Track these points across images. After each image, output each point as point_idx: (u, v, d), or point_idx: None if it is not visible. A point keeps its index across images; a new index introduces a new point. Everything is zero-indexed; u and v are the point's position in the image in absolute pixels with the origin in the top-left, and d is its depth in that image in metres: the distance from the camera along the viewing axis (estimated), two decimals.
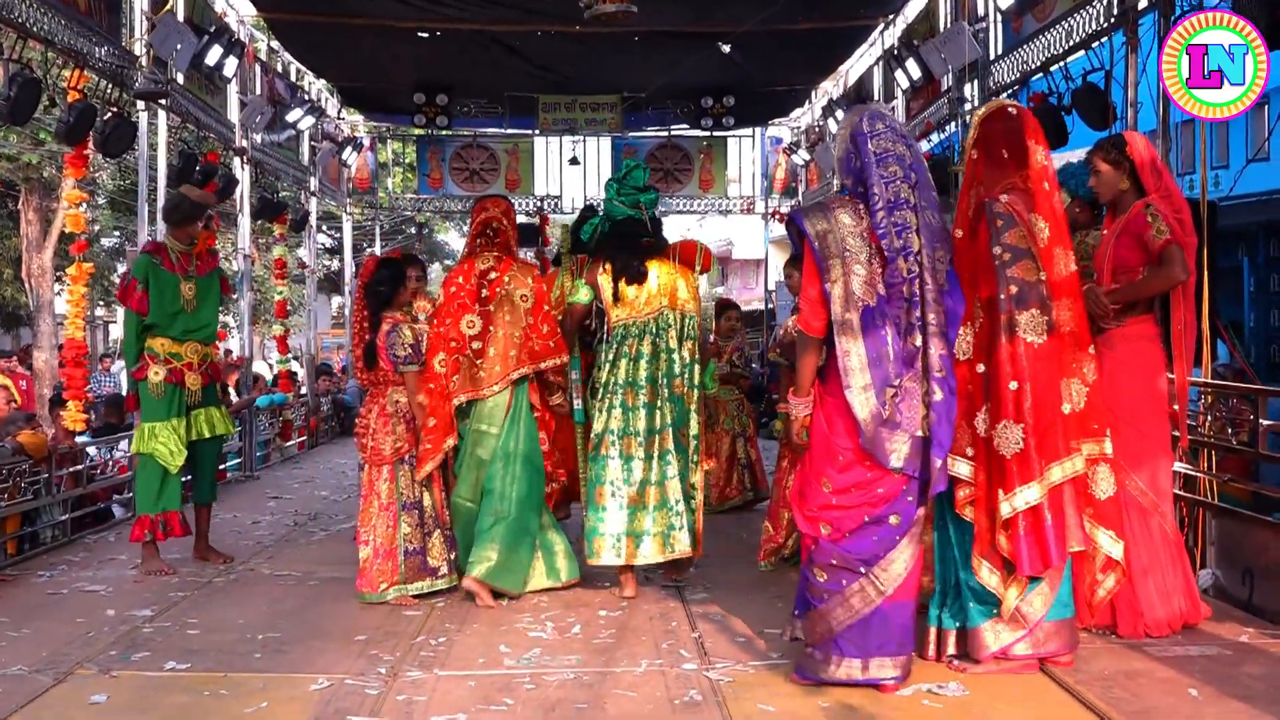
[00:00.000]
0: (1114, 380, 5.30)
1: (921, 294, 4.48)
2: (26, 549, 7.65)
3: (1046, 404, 4.61)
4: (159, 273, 6.97)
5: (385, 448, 6.12)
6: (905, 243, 4.50)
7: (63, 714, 4.44)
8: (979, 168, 4.88)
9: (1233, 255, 15.65)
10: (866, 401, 4.43)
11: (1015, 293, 4.61)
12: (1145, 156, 5.44)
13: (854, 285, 4.47)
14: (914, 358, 4.46)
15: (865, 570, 4.48)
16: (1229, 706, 4.35)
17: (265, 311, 27.24)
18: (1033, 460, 4.55)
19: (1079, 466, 4.71)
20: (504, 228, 6.45)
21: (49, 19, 7.86)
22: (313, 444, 14.97)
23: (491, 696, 4.56)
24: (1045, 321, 4.63)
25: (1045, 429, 4.60)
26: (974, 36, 9.86)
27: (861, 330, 4.46)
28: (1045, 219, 4.74)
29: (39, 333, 19.99)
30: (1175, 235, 5.20)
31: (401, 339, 6.04)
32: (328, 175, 16.24)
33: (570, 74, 14.79)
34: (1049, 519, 4.59)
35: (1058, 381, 4.68)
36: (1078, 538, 4.71)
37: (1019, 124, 4.83)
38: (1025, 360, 4.59)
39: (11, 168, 19.44)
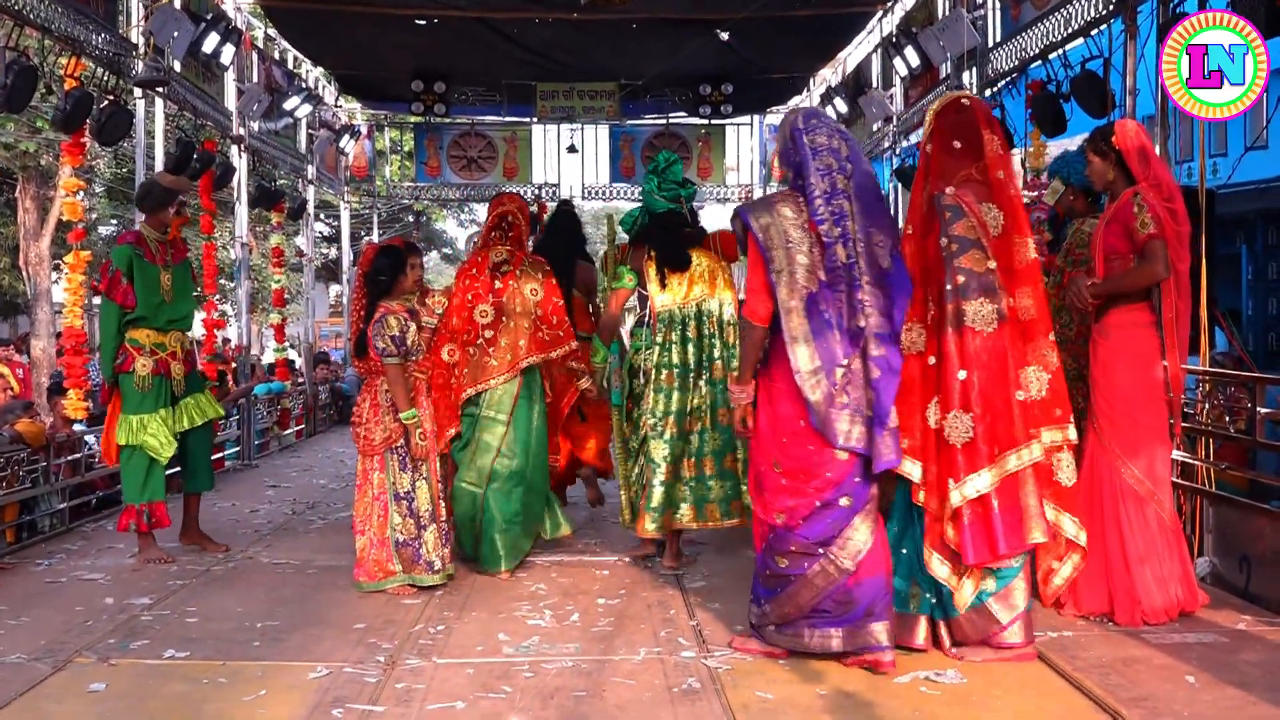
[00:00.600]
0: (1108, 368, 5.35)
1: (859, 278, 4.65)
2: (25, 537, 7.66)
3: (997, 392, 4.67)
4: (142, 264, 6.89)
5: (375, 437, 6.11)
6: (843, 230, 4.67)
7: (61, 702, 4.44)
8: (934, 161, 4.94)
9: (1231, 243, 15.66)
10: (818, 384, 4.59)
11: (962, 282, 4.68)
12: (1132, 144, 5.43)
13: (798, 273, 4.66)
14: (858, 337, 4.61)
15: (824, 551, 4.64)
16: (1225, 693, 4.36)
17: (263, 300, 27.24)
18: (982, 449, 4.61)
19: (1036, 454, 4.71)
20: (518, 222, 6.72)
21: (46, 6, 7.84)
22: (311, 432, 14.97)
23: (490, 684, 4.57)
24: (994, 310, 4.68)
25: (997, 417, 4.65)
26: (972, 24, 9.84)
27: (807, 315, 4.64)
28: (1000, 208, 4.80)
29: (36, 321, 19.99)
30: (1161, 229, 5.21)
31: (384, 329, 5.96)
32: (325, 163, 16.22)
33: (568, 62, 14.77)
34: (997, 508, 4.63)
35: (1010, 370, 4.71)
36: (1041, 528, 4.70)
37: (972, 115, 4.90)
38: (973, 350, 4.66)
39: (9, 156, 19.42)
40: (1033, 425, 4.76)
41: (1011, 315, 4.74)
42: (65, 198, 9.29)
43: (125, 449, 6.89)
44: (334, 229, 29.29)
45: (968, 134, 4.87)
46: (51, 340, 18.68)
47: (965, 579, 4.73)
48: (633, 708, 4.32)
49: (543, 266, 6.72)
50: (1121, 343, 5.40)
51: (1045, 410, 4.85)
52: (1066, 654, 4.82)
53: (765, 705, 4.32)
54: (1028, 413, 4.75)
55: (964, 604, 4.74)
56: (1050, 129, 8.90)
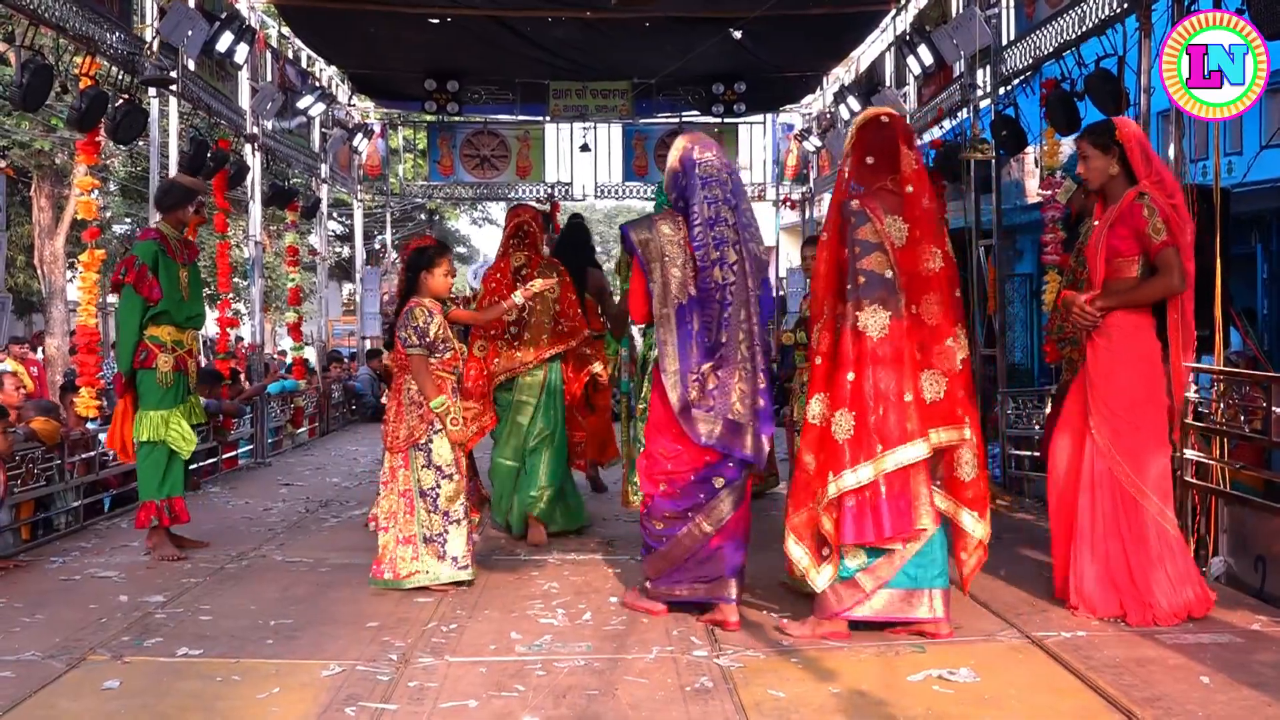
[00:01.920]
0: (1108, 370, 5.36)
1: (734, 297, 5.22)
2: (40, 535, 7.69)
3: (888, 392, 4.90)
4: (165, 259, 6.99)
5: (400, 434, 6.13)
6: (722, 254, 5.24)
7: (75, 699, 4.45)
8: (852, 172, 5.16)
9: (1246, 242, 15.56)
10: (675, 385, 5.23)
11: (863, 284, 4.95)
12: (1136, 140, 5.42)
13: (671, 285, 5.26)
14: (716, 350, 5.21)
15: (693, 516, 5.29)
16: (1240, 694, 4.34)
17: (276, 299, 27.29)
18: (864, 445, 4.88)
19: (920, 452, 4.91)
20: (533, 230, 7.49)
21: (61, 5, 7.86)
22: (324, 431, 14.99)
23: (503, 683, 4.58)
24: (888, 316, 4.92)
25: (884, 416, 4.89)
26: (986, 22, 9.80)
27: (676, 324, 5.25)
28: (908, 220, 5.04)
29: (51, 319, 20.06)
30: (1174, 234, 5.22)
31: (409, 320, 6.03)
32: (338, 162, 16.24)
33: (581, 60, 14.75)
34: (884, 493, 4.89)
35: (901, 371, 4.92)
36: (929, 515, 4.95)
37: (891, 131, 5.12)
38: (866, 351, 4.91)
39: (24, 155, 19.49)
40: (927, 425, 4.95)
41: (911, 320, 4.97)
42: (80, 196, 9.31)
43: (146, 445, 6.93)
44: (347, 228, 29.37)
45: (885, 149, 5.11)
46: (66, 338, 18.74)
47: (824, 564, 5.06)
48: (645, 706, 4.31)
49: (556, 267, 7.41)
50: (1122, 344, 5.37)
51: (942, 411, 5.01)
52: (1080, 654, 4.81)
53: (778, 704, 4.32)
54: (921, 413, 4.94)
55: (820, 586, 5.06)
56: (1064, 127, 8.86)
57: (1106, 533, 5.33)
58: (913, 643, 5.02)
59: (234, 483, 10.42)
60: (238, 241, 21.43)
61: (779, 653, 4.94)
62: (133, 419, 7.04)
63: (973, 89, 10.48)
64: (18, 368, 12.30)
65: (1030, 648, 4.97)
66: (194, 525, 7.41)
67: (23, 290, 24.28)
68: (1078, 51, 8.56)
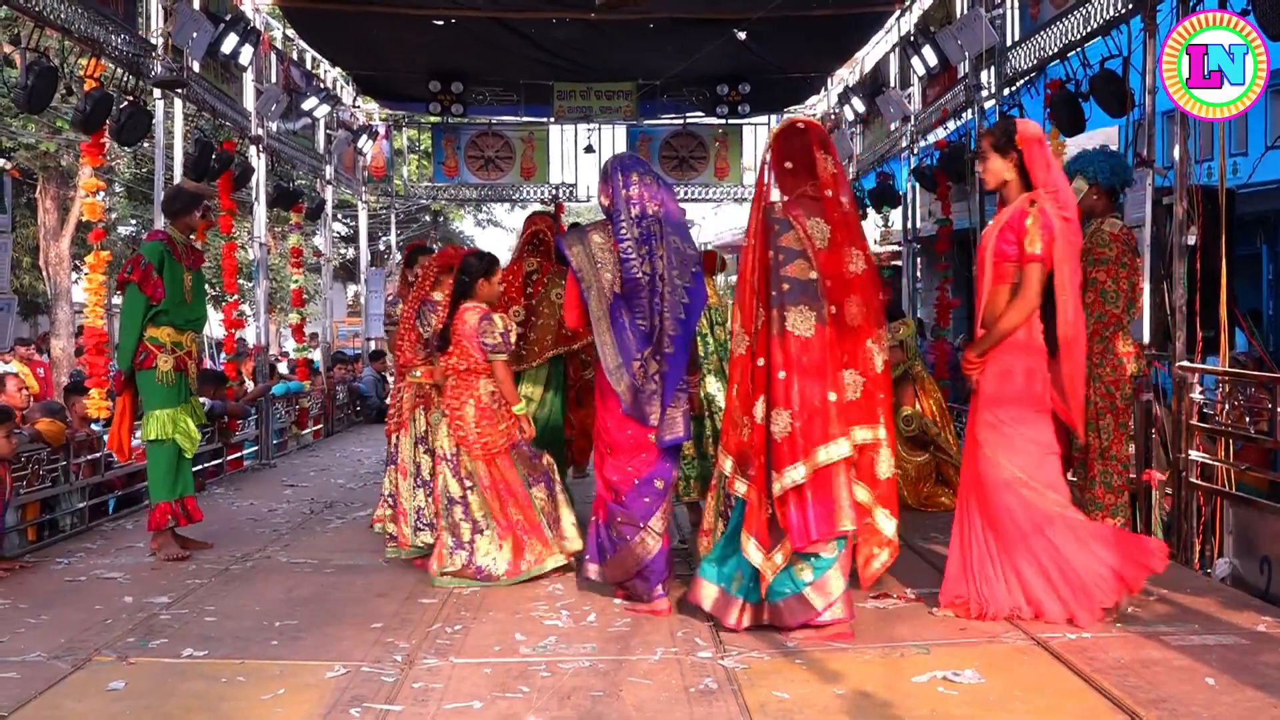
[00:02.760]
0: (994, 376, 5.38)
1: (661, 288, 5.56)
2: (45, 536, 7.70)
3: (813, 392, 5.04)
4: (171, 261, 7.05)
5: (498, 439, 6.27)
6: (650, 249, 5.61)
7: (81, 700, 4.46)
8: (775, 179, 5.33)
9: (1251, 243, 15.54)
10: (620, 379, 5.60)
11: (787, 290, 5.08)
12: (1037, 146, 5.37)
13: (604, 287, 5.67)
14: (649, 336, 5.58)
15: (643, 525, 5.63)
16: (1245, 695, 4.33)
17: (281, 300, 27.31)
18: (799, 443, 5.01)
19: (844, 450, 5.04)
20: (547, 239, 7.72)
21: (66, 7, 7.87)
22: (329, 432, 15.00)
23: (507, 684, 4.58)
24: (814, 316, 5.06)
25: (812, 414, 5.03)
26: (991, 23, 9.80)
27: (610, 321, 5.65)
28: (828, 222, 5.19)
29: (56, 320, 20.07)
30: (1048, 249, 5.20)
31: (494, 327, 6.24)
32: (343, 163, 16.25)
33: (585, 62, 14.76)
34: (810, 497, 5.01)
35: (825, 371, 5.06)
36: (849, 517, 5.05)
37: (807, 138, 5.28)
38: (793, 353, 5.05)
39: (29, 156, 19.52)
40: (848, 423, 5.08)
41: (834, 321, 5.11)
42: (85, 198, 9.31)
43: (155, 444, 6.95)
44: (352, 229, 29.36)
45: (803, 155, 5.27)
46: (71, 340, 18.75)
47: (772, 560, 5.12)
48: (650, 707, 4.32)
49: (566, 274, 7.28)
50: (1009, 349, 5.35)
51: (860, 410, 5.15)
52: (1085, 655, 4.80)
53: (782, 705, 4.32)
54: (843, 411, 5.08)
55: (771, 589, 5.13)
56: (1069, 128, 8.86)
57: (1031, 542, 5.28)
58: (917, 644, 5.03)
59: (239, 484, 10.42)
60: (243, 243, 21.43)
61: (783, 654, 4.94)
62: (131, 419, 7.07)
63: (977, 90, 10.48)
64: (22, 369, 12.32)
65: (1035, 649, 4.97)
66: (199, 526, 7.43)
67: (28, 292, 24.31)
68: (1082, 52, 8.56)
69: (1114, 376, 6.27)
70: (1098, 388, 6.27)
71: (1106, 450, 6.31)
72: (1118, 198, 6.58)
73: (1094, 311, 6.17)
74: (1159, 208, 7.15)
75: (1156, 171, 7.20)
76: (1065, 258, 5.25)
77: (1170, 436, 6.96)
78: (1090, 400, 6.24)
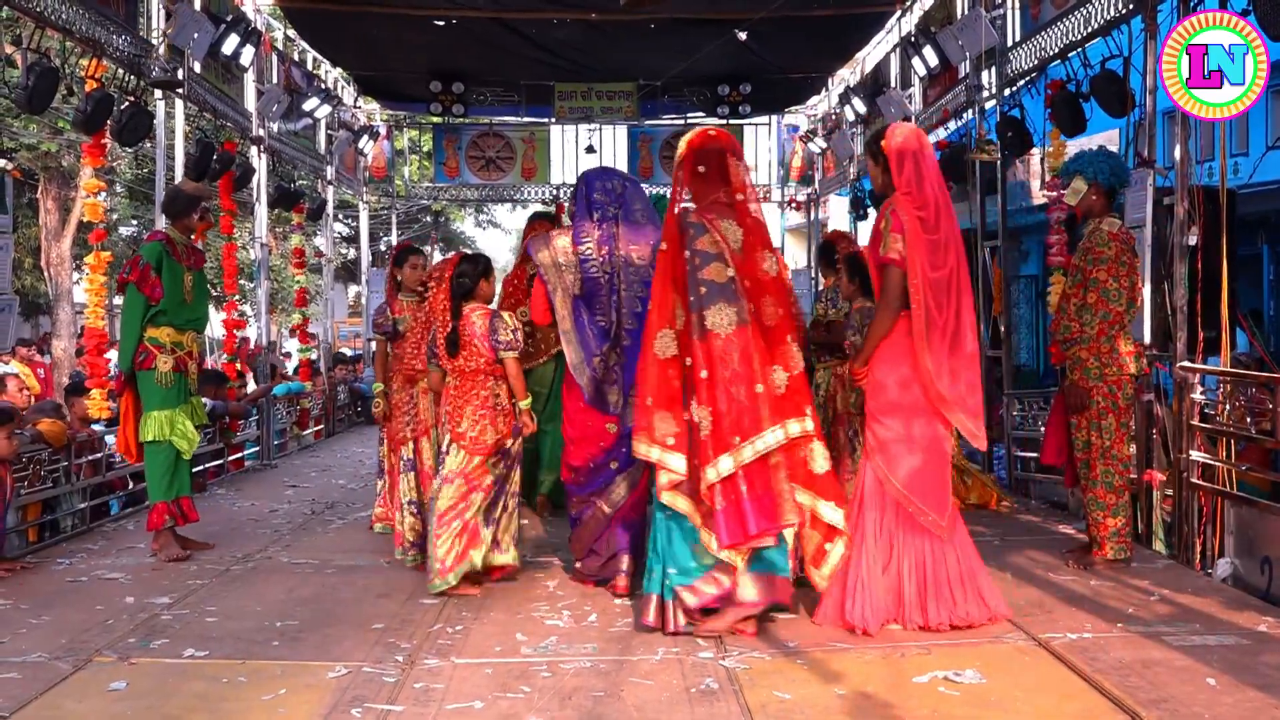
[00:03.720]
0: (871, 379, 5.44)
1: (618, 286, 6.06)
2: (46, 536, 7.69)
3: (737, 388, 5.10)
4: (170, 261, 7.05)
5: (489, 438, 6.19)
6: (609, 250, 6.10)
7: (82, 701, 4.46)
8: (688, 186, 5.39)
9: (1252, 243, 15.55)
10: (583, 372, 6.09)
11: (704, 293, 5.16)
12: (897, 148, 5.38)
13: (568, 288, 6.15)
14: (607, 332, 6.05)
15: (596, 500, 6.14)
16: (1246, 695, 4.33)
17: (282, 300, 27.32)
18: (723, 438, 5.07)
19: (770, 442, 5.09)
20: None
21: (67, 8, 7.88)
22: (330, 432, 15.01)
23: (508, 684, 4.58)
24: (734, 314, 5.13)
25: (739, 411, 5.09)
26: (991, 23, 9.80)
27: (573, 320, 6.13)
28: (742, 226, 5.29)
29: (57, 321, 20.09)
30: (903, 251, 5.24)
31: (505, 324, 6.25)
32: (344, 164, 16.26)
33: (586, 62, 14.77)
34: (746, 493, 5.06)
35: (751, 367, 5.12)
36: (792, 511, 5.13)
37: (719, 144, 5.38)
38: (716, 351, 5.12)
39: (30, 157, 19.53)
40: (777, 417, 5.12)
41: (754, 319, 5.17)
42: (86, 198, 9.31)
43: (151, 445, 6.95)
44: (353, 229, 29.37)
45: (715, 161, 5.36)
46: (72, 340, 18.76)
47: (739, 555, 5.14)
48: (651, 708, 4.32)
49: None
50: (884, 352, 5.38)
51: (787, 404, 5.17)
52: (1086, 655, 4.80)
53: (783, 705, 4.32)
54: (772, 405, 5.13)
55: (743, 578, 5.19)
56: (1069, 129, 8.86)
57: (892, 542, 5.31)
58: (918, 644, 5.03)
59: (240, 484, 10.43)
60: (244, 244, 21.45)
61: (785, 654, 4.94)
62: (135, 420, 7.07)
63: (978, 90, 10.47)
64: (23, 369, 12.32)
65: (1036, 649, 4.97)
66: (200, 526, 7.43)
67: (29, 292, 24.33)
68: (1083, 52, 8.55)
69: (1117, 376, 6.29)
70: (1100, 387, 6.28)
71: (1109, 450, 6.32)
72: (1116, 198, 6.58)
73: (1098, 311, 6.20)
74: (1160, 208, 7.15)
75: (1158, 172, 7.20)
76: (919, 254, 5.25)
77: (1171, 437, 6.96)
78: (1094, 400, 6.27)
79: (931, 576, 5.25)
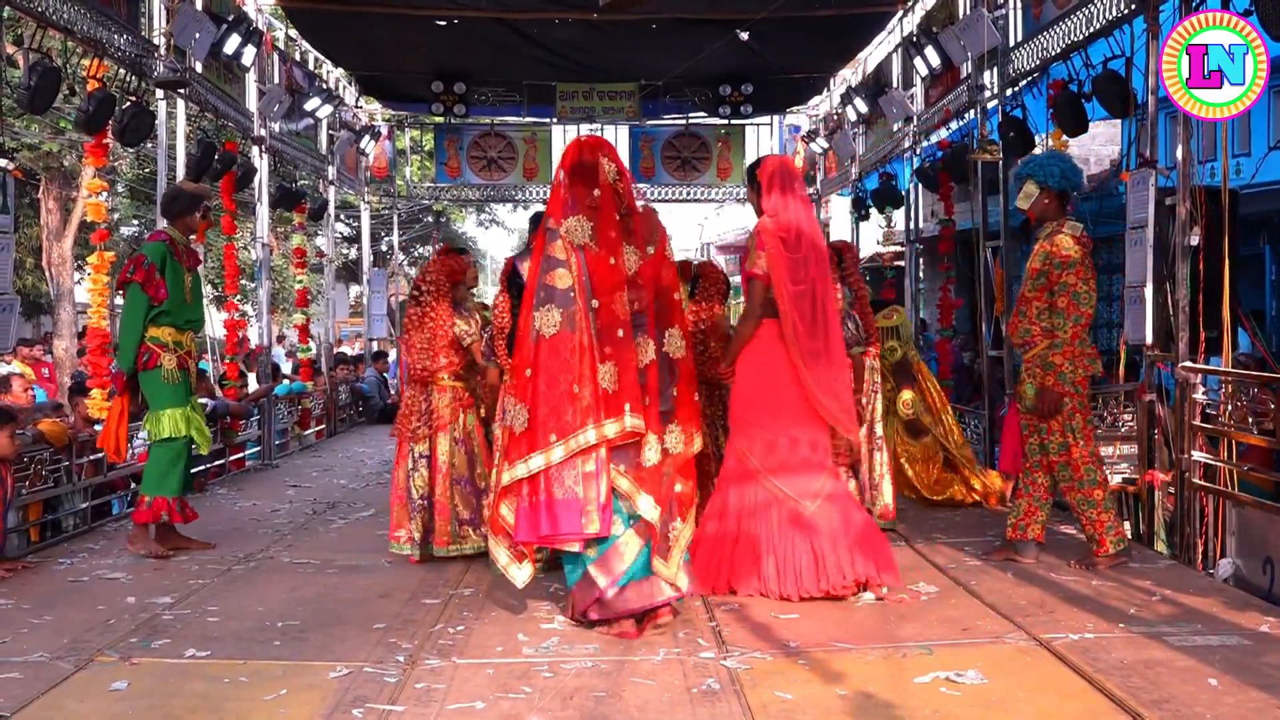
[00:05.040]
0: (737, 378, 6.07)
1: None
2: (48, 536, 7.69)
3: (556, 389, 5.22)
4: (172, 262, 7.07)
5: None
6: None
7: (83, 701, 4.46)
8: (569, 191, 5.49)
9: (1254, 243, 15.54)
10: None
11: (542, 296, 5.32)
12: (765, 177, 6.08)
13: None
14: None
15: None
16: (1248, 696, 4.33)
17: (284, 300, 27.32)
18: (537, 435, 5.20)
19: (590, 439, 5.18)
20: None
21: (68, 8, 7.88)
22: (331, 432, 15.01)
23: (510, 685, 4.58)
24: (558, 317, 5.25)
25: (555, 409, 5.20)
26: (993, 23, 9.79)
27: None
28: (594, 222, 5.39)
29: (59, 321, 20.10)
30: (768, 266, 5.87)
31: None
32: (345, 164, 16.25)
33: (588, 62, 14.77)
34: (551, 495, 5.19)
35: (573, 368, 5.23)
36: (598, 520, 5.16)
37: (590, 150, 5.55)
38: (539, 352, 5.27)
39: (32, 157, 19.52)
40: (602, 415, 5.20)
41: (586, 319, 5.26)
42: (89, 199, 9.33)
43: (165, 442, 6.96)
44: (354, 229, 29.40)
45: (586, 168, 5.49)
46: (74, 340, 18.77)
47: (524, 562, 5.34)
48: (652, 708, 4.32)
49: None
50: (748, 355, 5.98)
51: (613, 403, 5.23)
52: (1088, 656, 4.80)
53: (785, 705, 4.32)
54: (596, 405, 5.20)
55: (523, 581, 5.35)
56: (1071, 129, 8.86)
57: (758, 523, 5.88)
58: (920, 644, 5.03)
59: (241, 484, 10.43)
60: (245, 244, 21.47)
61: (786, 654, 4.94)
62: (128, 420, 7.07)
63: (980, 90, 10.47)
64: (25, 369, 12.32)
65: (1038, 650, 4.97)
66: (201, 526, 7.43)
67: (31, 292, 24.34)
68: (1085, 52, 8.54)
69: (1084, 376, 6.40)
70: (1067, 389, 6.33)
71: (1085, 448, 6.40)
72: (1068, 202, 6.62)
73: (1070, 315, 6.27)
74: (1162, 208, 7.14)
75: (1159, 172, 7.20)
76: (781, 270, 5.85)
77: (1173, 437, 6.96)
78: (1065, 402, 6.31)
79: (791, 551, 5.79)
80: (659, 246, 5.54)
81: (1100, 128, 14.70)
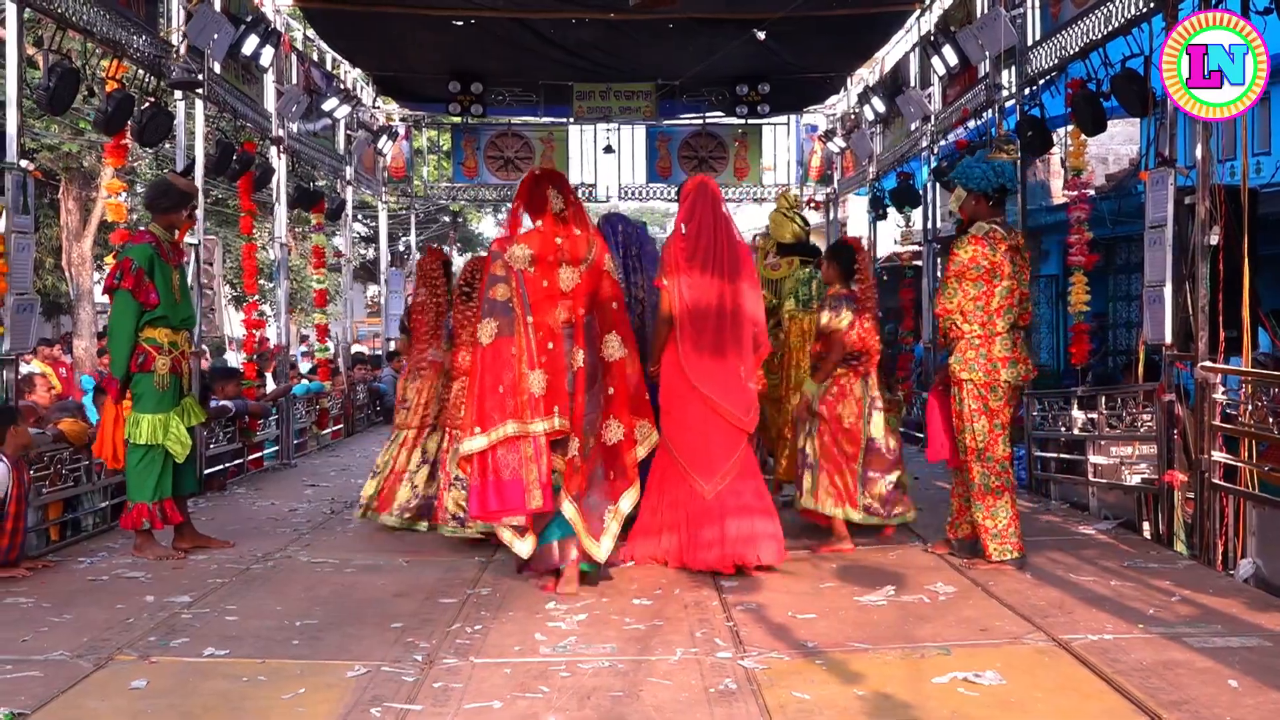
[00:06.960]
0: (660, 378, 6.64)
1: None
2: (68, 535, 7.72)
3: (490, 388, 5.95)
4: (160, 263, 6.97)
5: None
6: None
7: (103, 699, 4.48)
8: (518, 216, 6.29)
9: (1274, 242, 15.35)
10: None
11: (486, 309, 6.06)
12: (683, 196, 6.78)
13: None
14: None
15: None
16: (1269, 697, 4.31)
17: (302, 300, 27.38)
18: (473, 425, 5.96)
19: (509, 431, 5.88)
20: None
21: (88, 9, 7.91)
22: (349, 432, 15.04)
23: (527, 684, 4.58)
24: (494, 327, 5.97)
25: (487, 405, 5.92)
26: (1011, 22, 9.76)
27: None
28: (536, 253, 6.09)
29: (78, 321, 20.19)
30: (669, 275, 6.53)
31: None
32: (363, 164, 16.30)
33: (605, 62, 14.78)
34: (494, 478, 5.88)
35: (503, 371, 5.94)
36: (540, 496, 5.86)
37: (544, 179, 6.28)
38: (480, 357, 6.04)
39: (52, 157, 19.62)
40: (528, 414, 5.90)
41: (523, 329, 5.96)
42: (108, 199, 9.36)
43: (142, 448, 6.93)
44: (372, 229, 29.47)
45: (537, 195, 6.21)
46: (93, 340, 18.85)
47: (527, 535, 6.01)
48: (669, 708, 4.31)
49: None
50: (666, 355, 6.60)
51: (540, 404, 5.93)
52: (1107, 657, 4.78)
53: (802, 706, 4.31)
54: (522, 405, 5.90)
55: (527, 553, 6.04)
56: (1090, 128, 8.82)
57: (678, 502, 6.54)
58: (938, 645, 5.02)
59: (259, 483, 10.46)
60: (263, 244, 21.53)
61: (804, 655, 4.93)
62: (124, 425, 7.00)
63: (998, 89, 10.43)
64: (46, 369, 12.38)
65: (1057, 650, 4.95)
66: (220, 525, 7.46)
67: (50, 292, 24.43)
68: (1104, 51, 8.50)
69: (985, 380, 6.46)
70: (970, 390, 6.38)
71: (983, 452, 6.46)
72: (1002, 203, 6.66)
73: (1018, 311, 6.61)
74: (1181, 207, 7.11)
75: (1179, 171, 7.17)
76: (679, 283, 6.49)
77: (1192, 437, 6.93)
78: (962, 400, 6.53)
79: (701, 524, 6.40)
80: (595, 262, 6.19)
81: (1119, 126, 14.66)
